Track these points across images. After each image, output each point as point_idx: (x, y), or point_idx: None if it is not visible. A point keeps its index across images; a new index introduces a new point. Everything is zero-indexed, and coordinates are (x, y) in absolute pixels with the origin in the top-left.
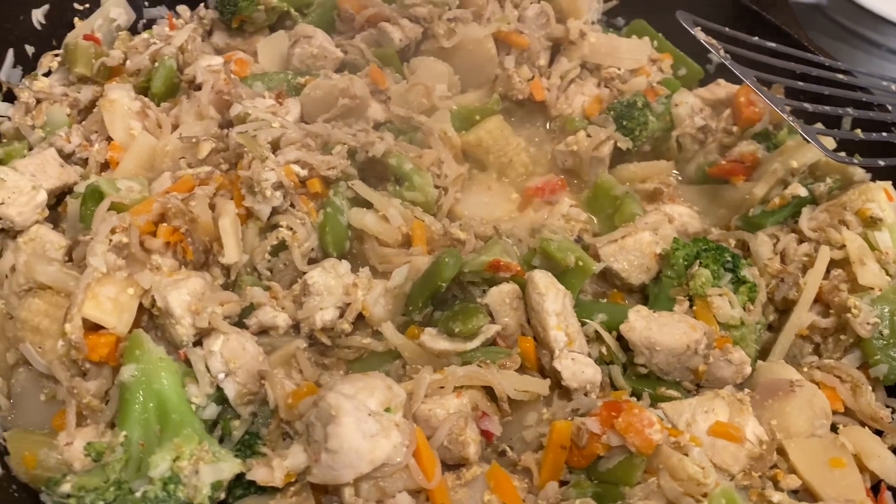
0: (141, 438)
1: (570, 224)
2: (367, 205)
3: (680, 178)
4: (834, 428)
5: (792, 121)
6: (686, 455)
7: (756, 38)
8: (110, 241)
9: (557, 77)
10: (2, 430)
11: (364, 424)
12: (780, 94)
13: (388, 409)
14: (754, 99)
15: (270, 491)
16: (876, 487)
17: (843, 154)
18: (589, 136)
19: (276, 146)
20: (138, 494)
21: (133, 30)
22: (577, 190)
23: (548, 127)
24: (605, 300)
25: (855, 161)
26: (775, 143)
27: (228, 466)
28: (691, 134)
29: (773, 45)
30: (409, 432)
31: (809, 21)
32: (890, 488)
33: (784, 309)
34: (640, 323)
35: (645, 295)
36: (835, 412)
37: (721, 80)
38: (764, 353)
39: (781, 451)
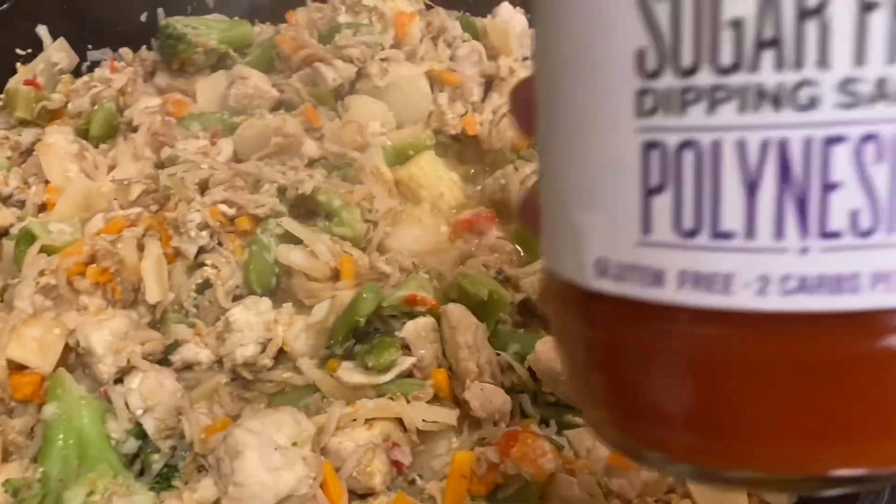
0: (60, 474)
1: (496, 256)
2: (297, 240)
3: None
4: None
5: None
6: (578, 482)
7: None
8: (38, 283)
9: (490, 112)
10: None
11: (268, 459)
12: None
13: (295, 443)
14: None
15: None
16: None
17: None
18: (516, 169)
19: (204, 186)
20: None
21: (76, 72)
22: (506, 222)
23: (481, 161)
24: (524, 329)
25: None
26: None
27: (141, 500)
28: None
29: None
30: (316, 465)
31: None
32: None
33: None
34: (546, 354)
35: None
36: None
37: None
38: None
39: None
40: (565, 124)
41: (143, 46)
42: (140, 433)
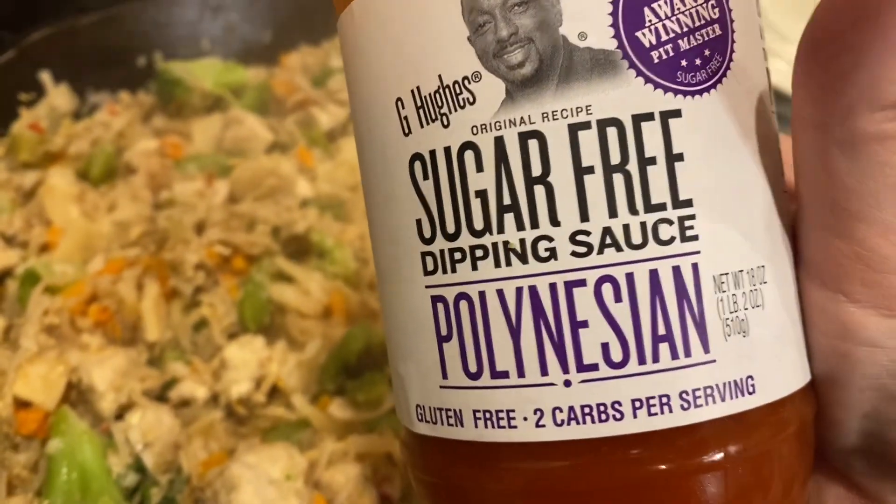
0: None
1: None
2: (291, 279)
3: None
4: None
5: None
6: None
7: None
8: (42, 323)
9: None
10: None
11: (263, 492)
12: None
13: (288, 477)
14: None
15: None
16: None
17: None
18: None
19: (201, 227)
20: None
21: (77, 115)
22: None
23: None
24: None
25: None
26: None
27: None
28: None
29: None
30: (308, 499)
31: None
32: None
33: None
34: None
35: None
36: None
37: None
38: None
39: None
40: (384, 284)
41: (141, 90)
42: (140, 467)
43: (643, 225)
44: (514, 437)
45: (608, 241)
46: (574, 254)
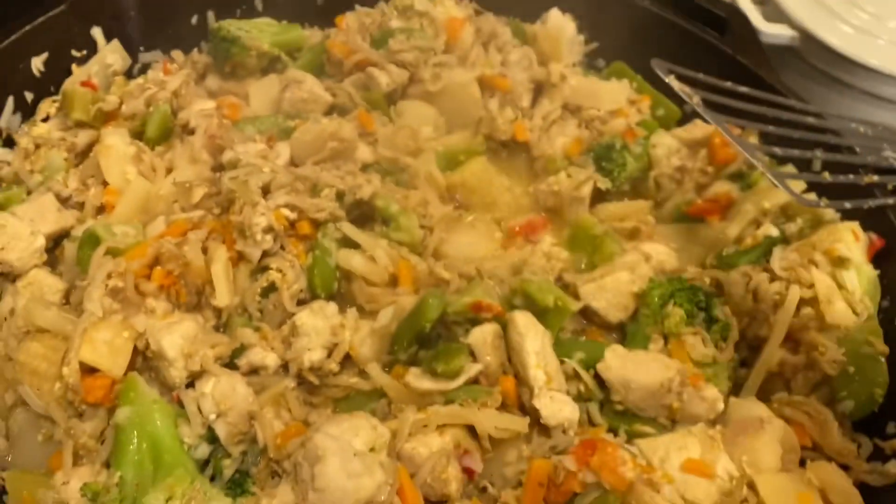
0: (135, 479)
1: (552, 263)
2: (356, 245)
3: (658, 217)
4: (803, 462)
5: (760, 165)
6: (658, 492)
7: (729, 83)
8: (106, 285)
9: (539, 118)
10: (1, 471)
11: (349, 464)
12: (755, 136)
13: (372, 449)
14: (728, 140)
15: None
16: None
17: (812, 196)
18: (569, 176)
19: (266, 190)
20: None
21: (129, 74)
22: (559, 228)
23: (530, 166)
24: (584, 337)
25: (821, 203)
26: (749, 183)
27: None
28: (668, 174)
29: (745, 89)
30: (393, 471)
31: (782, 63)
32: None
33: (755, 345)
34: (616, 362)
35: (623, 332)
36: (803, 447)
37: (698, 121)
38: (736, 388)
39: (752, 486)
40: None
41: (195, 49)
42: (211, 438)
43: None
44: None
45: None
46: None
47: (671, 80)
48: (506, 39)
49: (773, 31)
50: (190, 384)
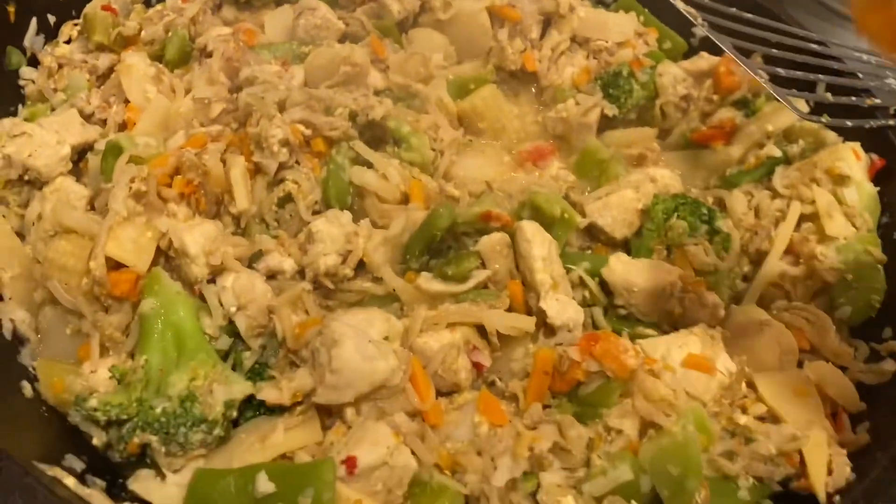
0: (160, 364)
1: (559, 184)
2: (368, 164)
3: (663, 146)
4: (801, 364)
5: (765, 82)
6: (659, 379)
7: (734, 9)
8: (130, 188)
9: (548, 49)
10: (31, 360)
11: (365, 348)
12: (758, 63)
13: (386, 338)
14: (734, 68)
15: (278, 412)
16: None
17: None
18: (577, 103)
19: (282, 107)
20: (158, 410)
21: (147, 2)
22: (566, 155)
23: (538, 96)
24: (590, 253)
25: (823, 120)
26: (753, 110)
27: (240, 388)
28: (674, 102)
29: (750, 15)
30: (406, 358)
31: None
32: (847, 412)
33: (757, 260)
34: (620, 267)
35: (627, 249)
36: (801, 350)
37: (704, 53)
38: (737, 301)
39: (751, 385)
40: None
41: None
42: (232, 331)
43: None
44: None
45: None
46: None
47: (677, 2)
48: None
49: None
50: (211, 280)
